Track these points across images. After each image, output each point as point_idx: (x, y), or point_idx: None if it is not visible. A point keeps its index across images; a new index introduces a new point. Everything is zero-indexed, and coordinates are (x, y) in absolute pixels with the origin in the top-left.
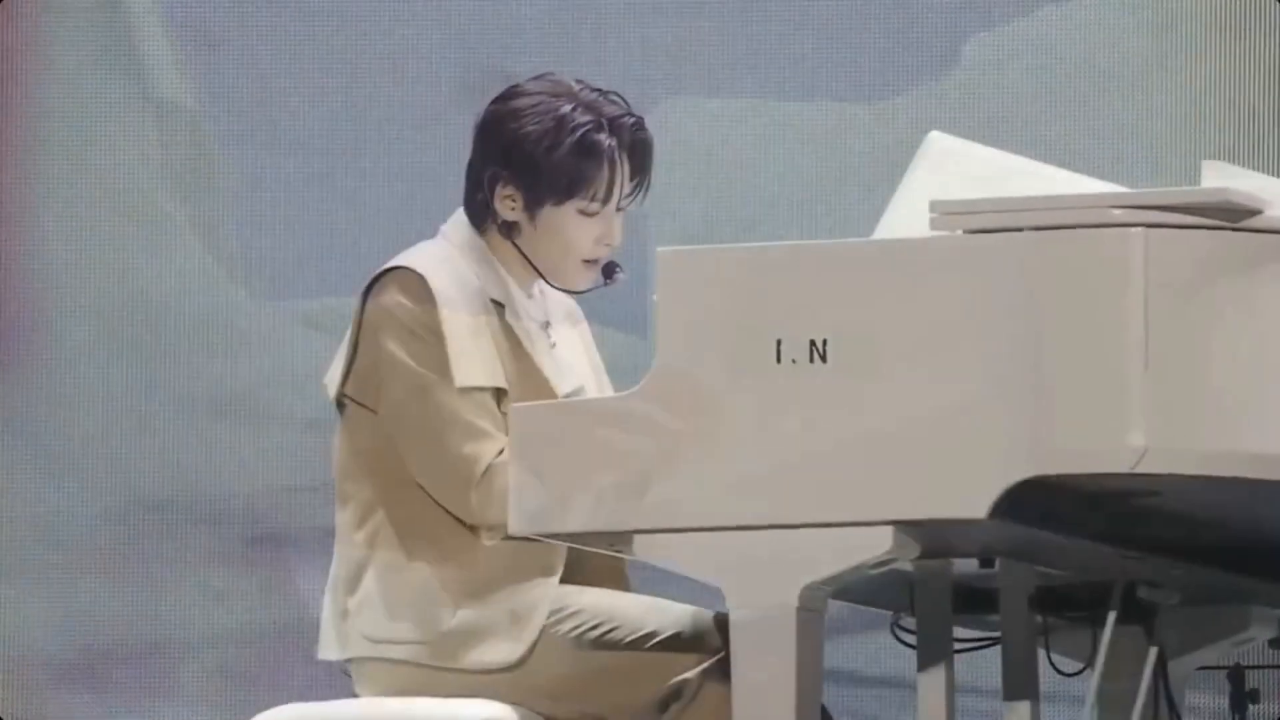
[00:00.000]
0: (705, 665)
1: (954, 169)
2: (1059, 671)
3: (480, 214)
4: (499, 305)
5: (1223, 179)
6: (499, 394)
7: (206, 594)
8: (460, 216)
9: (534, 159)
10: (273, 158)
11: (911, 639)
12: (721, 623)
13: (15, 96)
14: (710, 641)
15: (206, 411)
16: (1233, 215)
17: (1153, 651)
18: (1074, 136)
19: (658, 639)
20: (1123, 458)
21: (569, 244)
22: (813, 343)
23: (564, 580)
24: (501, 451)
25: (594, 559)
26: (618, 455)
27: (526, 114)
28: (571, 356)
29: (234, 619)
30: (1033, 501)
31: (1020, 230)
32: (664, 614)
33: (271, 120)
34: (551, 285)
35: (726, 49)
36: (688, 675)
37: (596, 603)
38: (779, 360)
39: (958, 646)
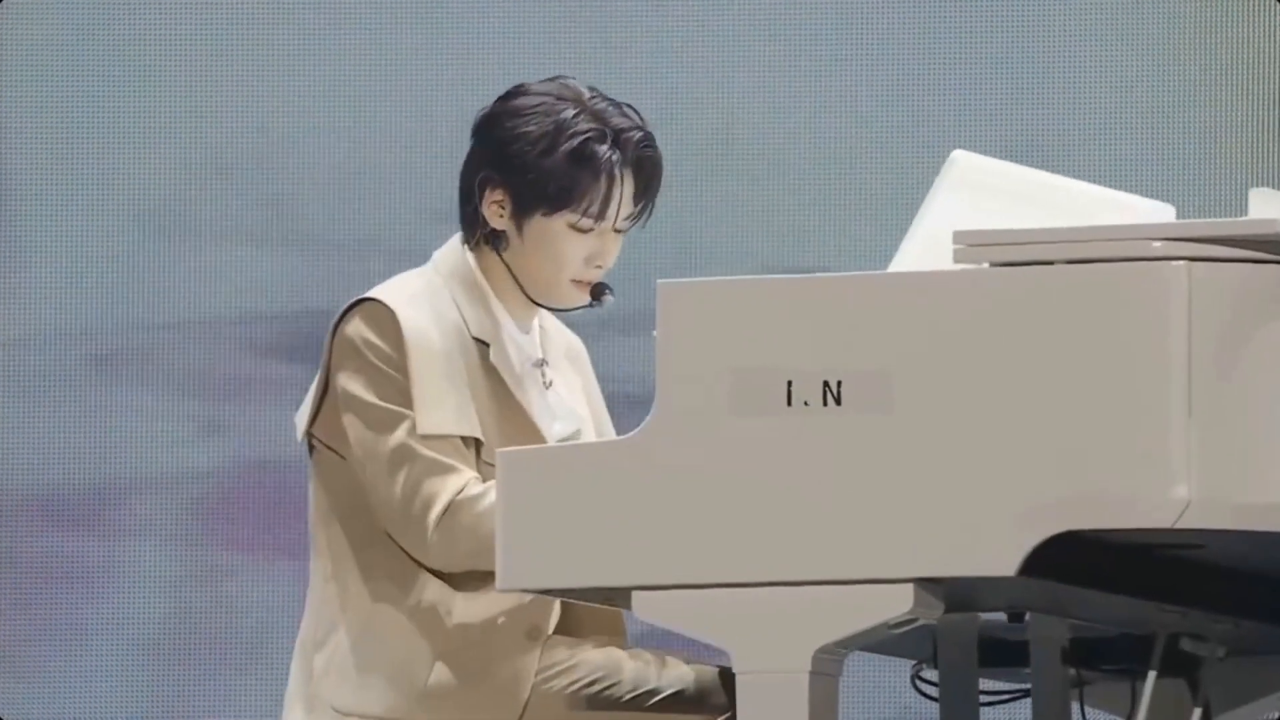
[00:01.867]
0: None
1: (981, 185)
2: None
3: (471, 227)
4: (482, 344)
5: (1273, 208)
6: (475, 444)
7: (178, 428)
8: (454, 243)
9: (526, 161)
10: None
11: (934, 691)
12: (727, 679)
13: None
14: (715, 699)
15: (163, 232)
16: None
17: (1197, 712)
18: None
19: (659, 697)
20: (1165, 511)
21: (558, 260)
22: (826, 384)
23: (556, 632)
24: (464, 488)
25: (588, 609)
26: (613, 505)
27: (526, 114)
28: (570, 398)
29: (206, 455)
30: (1067, 555)
31: (1052, 263)
32: (665, 669)
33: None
34: (535, 302)
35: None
36: None
37: (592, 657)
38: (790, 403)
39: (984, 700)
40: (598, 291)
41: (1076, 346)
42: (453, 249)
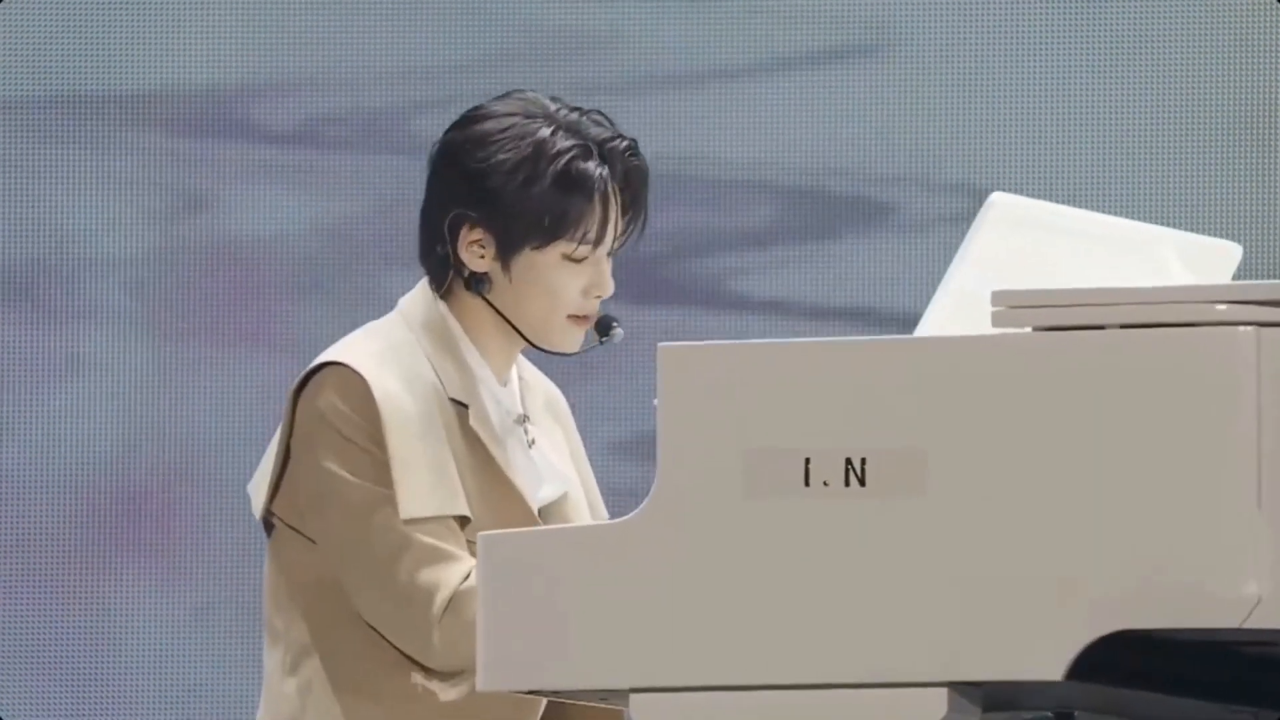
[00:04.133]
0: None
1: (1024, 224)
2: None
3: (440, 271)
4: (460, 405)
5: None
6: (461, 520)
7: (124, 203)
8: (422, 289)
9: (508, 194)
10: None
11: None
12: None
13: None
14: None
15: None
16: None
17: None
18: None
19: None
20: (1232, 610)
21: (553, 297)
22: (849, 462)
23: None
24: (469, 576)
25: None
26: (609, 596)
27: (496, 140)
28: (555, 456)
29: (151, 234)
30: (1120, 654)
31: (1103, 328)
32: None
33: None
34: (535, 346)
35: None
36: None
37: None
38: (807, 483)
39: None
40: (605, 326)
41: (1130, 422)
42: (421, 296)
